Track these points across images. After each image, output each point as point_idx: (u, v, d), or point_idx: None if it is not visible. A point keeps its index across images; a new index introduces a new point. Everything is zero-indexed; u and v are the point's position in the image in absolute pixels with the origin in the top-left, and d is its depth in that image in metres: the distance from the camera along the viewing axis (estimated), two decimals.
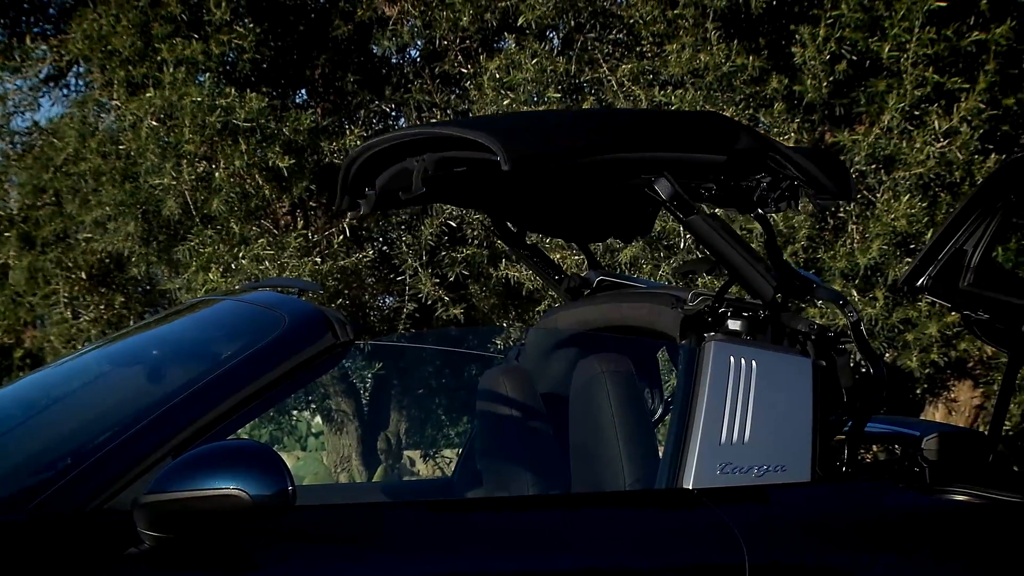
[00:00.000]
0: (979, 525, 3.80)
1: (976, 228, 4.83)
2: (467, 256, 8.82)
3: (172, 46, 8.24)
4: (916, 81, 7.50)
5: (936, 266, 4.87)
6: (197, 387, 3.36)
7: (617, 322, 4.33)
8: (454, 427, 7.02)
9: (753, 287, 3.95)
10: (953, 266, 4.86)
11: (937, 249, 4.88)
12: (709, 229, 3.96)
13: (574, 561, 3.46)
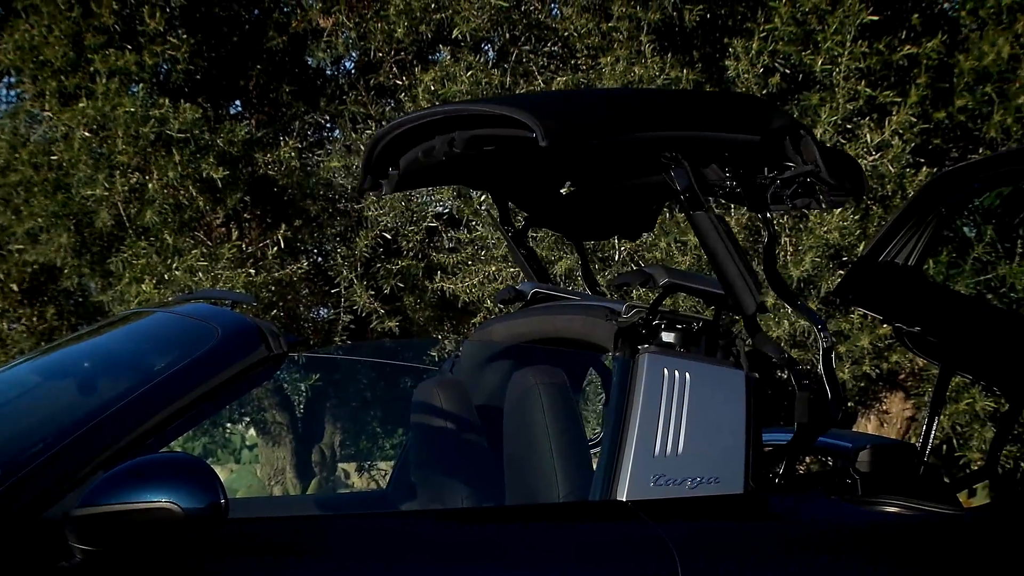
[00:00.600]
0: (910, 537, 3.82)
1: (907, 241, 4.87)
2: (402, 268, 8.81)
3: (105, 57, 8.19)
4: (848, 95, 7.55)
5: (868, 279, 4.90)
6: (129, 400, 3.34)
7: (551, 334, 4.33)
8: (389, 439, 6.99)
9: (737, 298, 3.94)
10: (884, 279, 4.89)
11: (869, 262, 4.91)
12: (712, 228, 3.94)
13: (508, 573, 3.45)
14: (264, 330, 3.51)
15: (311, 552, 3.31)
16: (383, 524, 3.59)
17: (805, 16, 7.65)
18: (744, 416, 3.79)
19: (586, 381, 4.95)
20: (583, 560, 3.51)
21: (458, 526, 3.60)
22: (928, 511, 3.98)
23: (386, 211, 8.62)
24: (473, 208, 8.37)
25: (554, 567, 3.49)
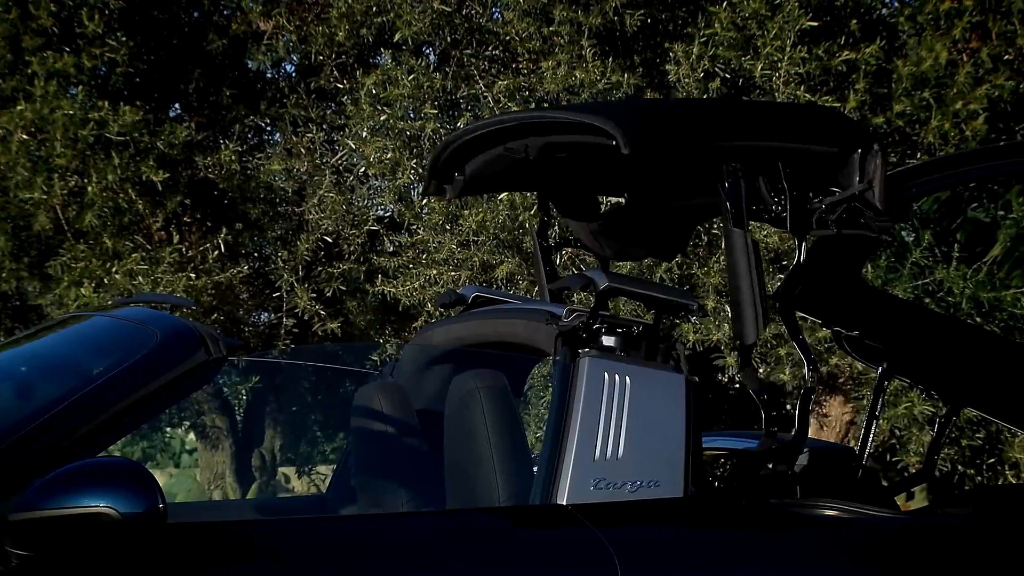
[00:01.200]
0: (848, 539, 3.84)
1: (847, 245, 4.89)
2: (344, 272, 8.80)
3: (43, 59, 8.14)
4: (788, 99, 7.59)
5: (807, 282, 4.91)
6: (67, 404, 3.31)
7: (492, 338, 4.33)
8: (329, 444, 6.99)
9: (741, 325, 3.95)
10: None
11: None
12: (744, 249, 3.95)
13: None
14: (203, 334, 3.49)
15: (250, 557, 3.30)
16: (323, 528, 3.58)
17: (745, 21, 7.68)
18: (684, 420, 3.80)
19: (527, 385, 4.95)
20: (523, 564, 3.51)
21: (398, 530, 3.59)
22: (866, 514, 4.01)
23: (327, 214, 8.61)
24: (415, 212, 8.37)
25: (494, 571, 3.49)
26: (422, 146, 8.22)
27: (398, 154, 8.14)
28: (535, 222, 7.76)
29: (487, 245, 7.97)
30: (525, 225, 7.86)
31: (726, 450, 4.83)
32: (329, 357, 6.99)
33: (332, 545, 3.43)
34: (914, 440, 7.90)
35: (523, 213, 7.81)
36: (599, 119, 3.80)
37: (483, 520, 3.68)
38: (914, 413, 7.78)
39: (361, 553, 3.43)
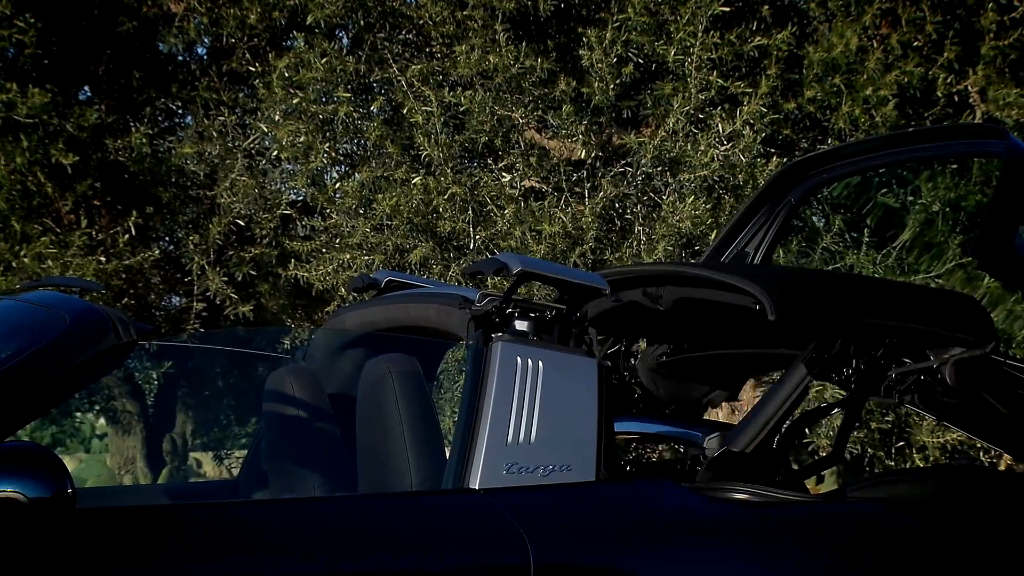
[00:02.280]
0: (759, 523, 3.87)
1: (758, 230, 4.93)
2: (256, 256, 8.76)
3: None
4: (700, 85, 7.62)
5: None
6: None
7: (405, 322, 4.33)
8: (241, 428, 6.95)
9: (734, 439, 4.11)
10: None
11: (720, 251, 4.97)
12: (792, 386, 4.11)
13: (360, 563, 3.44)
14: (113, 318, 3.47)
15: (161, 542, 3.27)
16: (235, 513, 3.56)
17: (658, 7, 7.70)
18: (596, 404, 3.81)
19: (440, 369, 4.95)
20: (435, 548, 3.51)
21: (310, 515, 3.58)
22: (777, 497, 4.03)
23: (239, 198, 8.56)
24: (327, 196, 8.34)
25: (406, 555, 3.49)
26: (335, 130, 8.19)
27: (311, 138, 8.10)
28: (448, 206, 7.75)
29: (401, 229, 7.95)
30: (439, 209, 7.85)
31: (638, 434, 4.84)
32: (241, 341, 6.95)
33: (244, 530, 3.42)
34: (825, 423, 7.96)
35: (437, 197, 7.81)
36: (748, 283, 3.99)
37: (395, 504, 3.68)
38: (825, 397, 7.83)
39: (273, 538, 3.42)
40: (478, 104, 7.78)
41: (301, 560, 3.40)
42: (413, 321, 4.28)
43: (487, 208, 7.89)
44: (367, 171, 8.16)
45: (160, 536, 3.29)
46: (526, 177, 8.07)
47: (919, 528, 4.04)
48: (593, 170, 8.06)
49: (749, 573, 3.70)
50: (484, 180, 7.94)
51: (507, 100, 7.86)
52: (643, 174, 7.85)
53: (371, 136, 8.11)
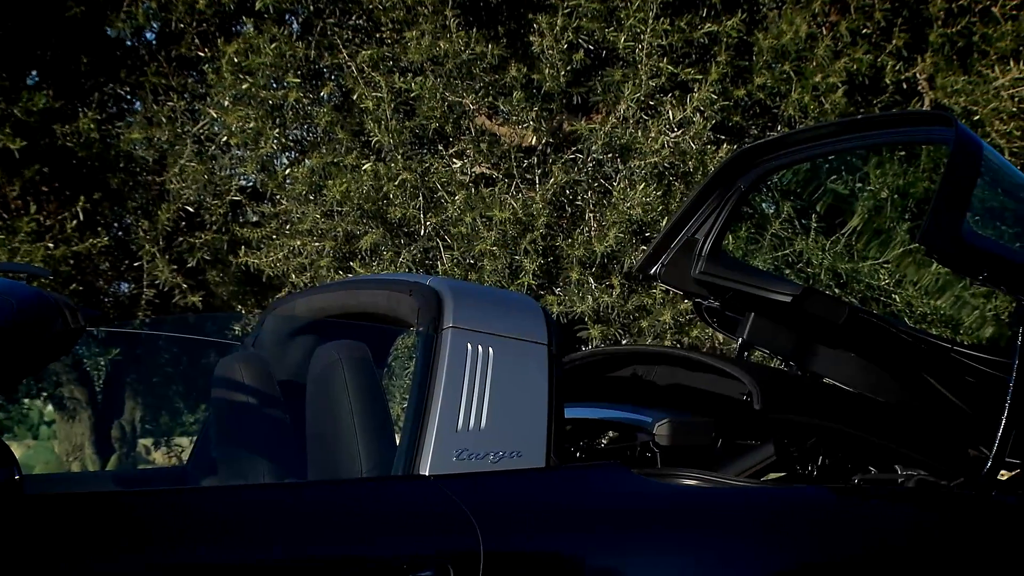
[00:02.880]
0: (708, 509, 3.88)
1: (707, 217, 4.95)
2: (206, 242, 8.72)
3: None
4: (651, 71, 7.63)
5: (669, 254, 4.97)
6: None
7: (355, 309, 4.32)
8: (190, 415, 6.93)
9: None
10: (685, 254, 4.97)
11: (670, 238, 4.99)
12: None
13: (310, 549, 3.44)
14: (61, 304, 3.44)
15: (109, 529, 3.26)
16: (183, 500, 3.55)
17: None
18: (546, 391, 3.82)
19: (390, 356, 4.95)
20: (385, 534, 3.51)
21: (259, 502, 3.57)
22: (725, 484, 4.05)
23: (189, 184, 8.52)
24: (278, 182, 8.31)
25: (356, 542, 3.48)
26: (285, 115, 8.16)
27: (260, 123, 8.07)
28: (399, 192, 7.74)
29: (351, 216, 7.93)
30: (389, 195, 7.83)
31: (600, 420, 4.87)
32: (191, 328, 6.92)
33: (193, 517, 3.41)
34: None
35: (387, 184, 7.79)
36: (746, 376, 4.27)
37: (345, 491, 3.68)
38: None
39: (222, 524, 3.41)
40: (428, 90, 7.77)
41: (250, 547, 3.39)
42: (363, 308, 4.27)
43: (438, 194, 7.88)
44: (317, 157, 8.13)
45: (109, 523, 3.28)
46: (477, 163, 8.06)
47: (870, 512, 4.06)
48: (544, 156, 8.06)
49: (698, 559, 3.71)
50: (435, 166, 7.94)
51: (458, 86, 7.85)
52: (594, 161, 7.86)
53: (321, 122, 8.08)
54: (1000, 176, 4.49)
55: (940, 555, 3.98)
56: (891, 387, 5.06)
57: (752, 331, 4.98)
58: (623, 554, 3.66)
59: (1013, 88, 7.84)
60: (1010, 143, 7.86)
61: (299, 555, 3.43)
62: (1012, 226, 4.61)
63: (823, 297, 4.98)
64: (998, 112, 7.82)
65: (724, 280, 5.01)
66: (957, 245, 4.02)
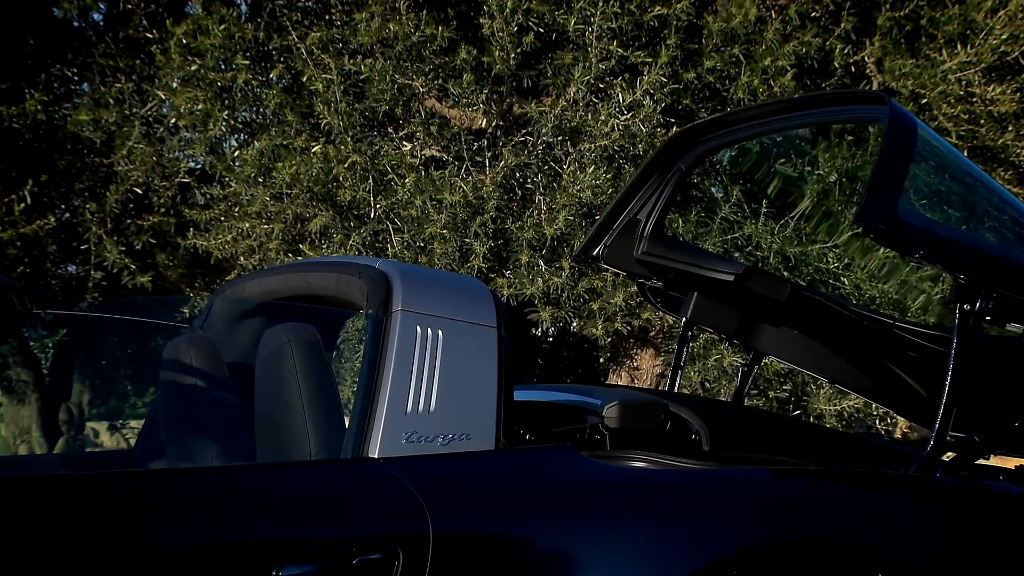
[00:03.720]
0: (657, 491, 3.89)
1: (649, 198, 4.98)
2: (154, 224, 8.68)
3: None
4: (601, 54, 7.63)
5: (611, 235, 4.99)
6: None
7: (304, 291, 4.31)
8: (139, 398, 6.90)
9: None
10: (627, 235, 4.99)
11: (612, 219, 5.01)
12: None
13: (259, 531, 3.44)
14: (7, 287, 3.42)
15: (56, 512, 3.25)
16: (131, 483, 3.54)
17: None
18: (496, 373, 3.82)
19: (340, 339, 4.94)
20: (334, 517, 3.51)
21: (208, 484, 3.56)
22: (675, 465, 4.06)
23: (137, 166, 8.48)
24: (226, 164, 8.28)
25: (305, 525, 3.48)
26: (234, 97, 8.13)
27: (209, 105, 8.04)
28: (349, 175, 7.72)
29: (301, 198, 7.91)
30: (339, 178, 7.81)
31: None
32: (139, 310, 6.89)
33: (141, 499, 3.40)
34: (723, 392, 8.03)
35: (337, 166, 7.77)
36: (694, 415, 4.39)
37: (294, 474, 3.67)
38: (724, 365, 7.90)
39: (170, 507, 3.40)
40: (378, 72, 7.75)
41: (199, 530, 3.38)
42: (312, 290, 4.27)
43: (388, 177, 7.87)
44: (266, 139, 8.10)
45: (56, 506, 3.26)
46: (427, 146, 8.05)
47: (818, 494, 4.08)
48: (494, 139, 8.06)
49: (647, 541, 3.72)
50: (384, 149, 7.92)
51: (407, 69, 7.83)
52: (544, 143, 7.86)
53: (270, 104, 8.05)
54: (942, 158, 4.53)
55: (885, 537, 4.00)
56: (834, 363, 5.10)
57: (695, 310, 5.01)
58: (572, 536, 3.67)
59: (960, 72, 7.88)
60: (957, 126, 7.90)
61: (248, 538, 3.43)
62: (959, 210, 4.64)
63: (765, 275, 5.00)
64: (945, 95, 7.86)
65: (666, 260, 5.04)
66: (893, 223, 4.04)
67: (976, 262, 4.18)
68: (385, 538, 3.51)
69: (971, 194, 4.65)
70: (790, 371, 8.13)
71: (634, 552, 3.69)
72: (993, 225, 4.63)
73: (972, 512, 4.22)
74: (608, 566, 3.66)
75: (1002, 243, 4.55)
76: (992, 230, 4.62)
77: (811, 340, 5.08)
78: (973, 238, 4.48)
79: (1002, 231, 4.61)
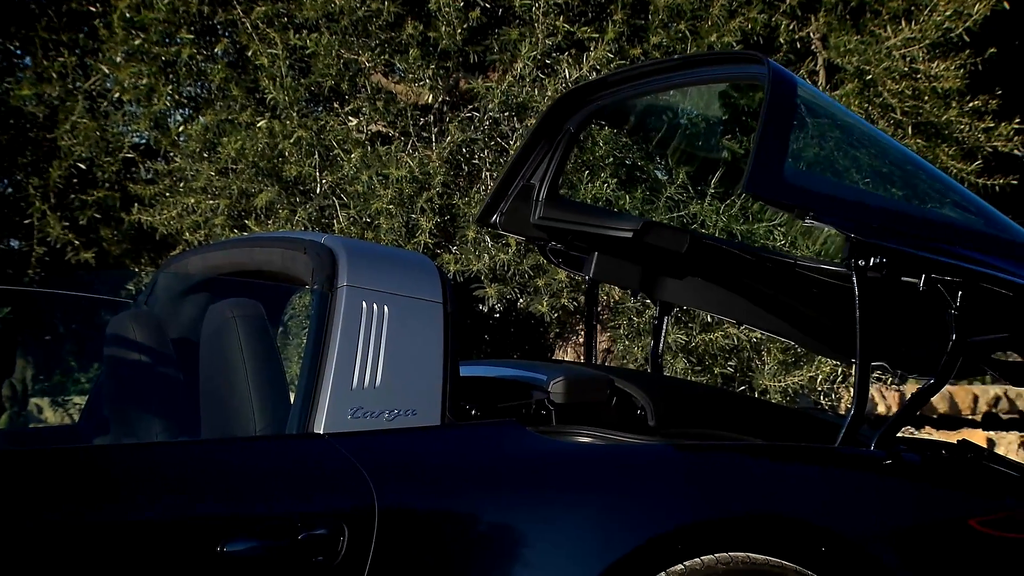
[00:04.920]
0: (603, 466, 3.90)
1: (540, 162, 5.00)
2: (98, 199, 8.63)
3: None
4: (547, 30, 7.63)
5: (507, 202, 5.00)
6: None
7: (249, 267, 4.30)
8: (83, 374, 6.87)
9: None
10: (523, 201, 5.01)
11: (506, 186, 5.02)
12: None
13: (204, 508, 3.43)
14: None
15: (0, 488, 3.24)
16: (75, 458, 3.52)
17: None
18: (442, 349, 3.82)
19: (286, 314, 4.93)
20: (279, 492, 3.51)
21: (152, 460, 3.56)
22: (620, 441, 4.07)
23: (80, 141, 8.42)
24: (171, 139, 8.24)
25: (250, 500, 3.48)
26: (178, 72, 8.08)
27: (153, 80, 7.99)
28: (294, 150, 7.69)
29: (246, 173, 7.88)
30: (285, 153, 7.79)
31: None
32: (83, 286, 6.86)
33: (85, 475, 3.39)
34: (668, 368, 8.05)
35: (282, 141, 7.75)
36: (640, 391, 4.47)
37: (239, 449, 3.67)
38: (668, 341, 7.92)
39: (115, 483, 3.39)
40: (324, 47, 7.72)
41: (143, 506, 3.38)
42: (258, 265, 4.26)
43: (333, 152, 7.84)
44: (211, 114, 8.06)
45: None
46: (373, 121, 8.03)
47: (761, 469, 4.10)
48: (440, 115, 8.04)
49: (592, 516, 3.73)
50: (330, 124, 7.89)
51: (353, 43, 7.80)
52: (490, 119, 7.85)
53: (215, 79, 8.01)
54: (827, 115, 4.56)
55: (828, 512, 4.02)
56: (740, 305, 5.14)
57: (597, 269, 5.03)
58: (518, 511, 3.68)
59: (904, 48, 7.91)
60: (901, 102, 7.94)
61: (192, 513, 3.42)
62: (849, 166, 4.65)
63: (664, 228, 5.00)
64: (890, 72, 7.90)
65: (564, 223, 5.05)
66: (781, 187, 4.05)
67: (867, 218, 4.20)
68: (330, 514, 3.51)
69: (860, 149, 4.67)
70: (735, 347, 8.16)
71: (579, 527, 3.70)
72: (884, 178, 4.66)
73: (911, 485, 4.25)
74: (553, 541, 3.67)
75: (893, 196, 4.59)
76: (883, 183, 4.66)
77: (716, 286, 5.11)
78: (863, 193, 4.50)
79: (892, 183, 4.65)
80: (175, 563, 3.39)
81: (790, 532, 3.90)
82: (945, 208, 4.67)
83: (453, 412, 3.80)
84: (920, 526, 4.12)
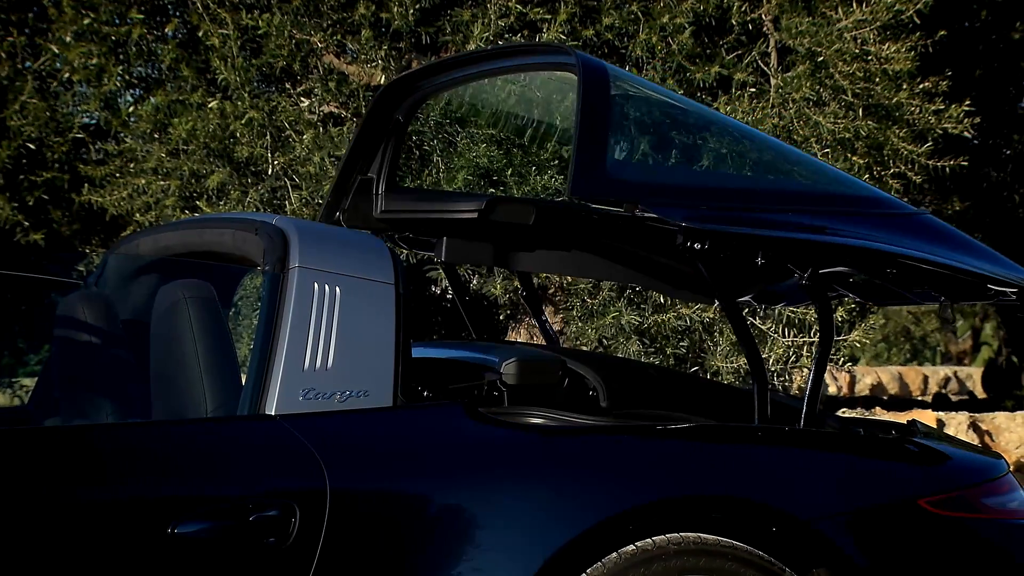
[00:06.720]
0: (554, 448, 3.91)
1: (375, 155, 4.96)
2: (48, 180, 8.58)
3: None
4: (500, 11, 7.63)
5: (347, 199, 4.96)
6: None
7: (200, 248, 4.28)
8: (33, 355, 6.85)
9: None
10: (364, 196, 4.97)
11: (343, 182, 4.98)
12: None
13: (154, 489, 3.43)
14: None
15: None
16: (25, 439, 3.51)
17: None
18: (394, 330, 3.82)
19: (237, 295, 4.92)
20: (230, 474, 3.50)
21: (103, 442, 3.54)
22: (572, 422, 4.08)
23: (30, 121, 8.38)
24: (121, 120, 8.20)
25: (201, 482, 3.47)
26: (128, 52, 8.04)
27: (103, 60, 7.95)
28: (246, 131, 7.67)
29: (197, 155, 7.85)
30: (236, 134, 7.76)
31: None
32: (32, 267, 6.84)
33: (34, 457, 3.38)
34: (621, 349, 8.07)
35: (234, 122, 7.72)
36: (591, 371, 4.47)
37: (190, 431, 3.66)
38: (621, 323, 7.94)
39: (64, 465, 3.38)
40: (275, 27, 7.69)
41: (93, 487, 3.37)
42: (209, 246, 4.24)
43: (285, 133, 7.82)
44: (162, 95, 8.03)
45: None
46: (325, 102, 8.01)
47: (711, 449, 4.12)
48: None
49: (544, 497, 3.74)
50: (282, 105, 7.87)
51: (305, 24, 7.78)
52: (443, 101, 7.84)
53: (166, 59, 7.98)
54: (644, 99, 4.55)
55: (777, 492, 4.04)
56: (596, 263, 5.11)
57: (448, 252, 4.99)
58: (469, 492, 3.69)
59: (856, 30, 7.94)
60: (853, 84, 7.97)
61: (143, 495, 3.42)
62: (673, 149, 4.64)
63: (510, 202, 4.97)
64: (841, 54, 7.92)
65: (408, 213, 5.01)
66: (605, 185, 4.04)
67: (695, 201, 4.19)
68: (282, 495, 3.51)
69: (683, 130, 4.65)
70: (687, 328, 8.18)
71: (530, 508, 3.71)
72: (712, 156, 4.65)
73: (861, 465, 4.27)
74: (504, 522, 3.68)
75: (720, 174, 4.59)
76: (713, 161, 4.65)
77: (571, 249, 5.09)
78: (691, 175, 4.49)
79: (720, 159, 4.64)
80: (126, 545, 3.38)
81: (741, 512, 3.91)
82: (777, 176, 4.68)
83: (405, 393, 3.80)
84: (870, 506, 4.13)
